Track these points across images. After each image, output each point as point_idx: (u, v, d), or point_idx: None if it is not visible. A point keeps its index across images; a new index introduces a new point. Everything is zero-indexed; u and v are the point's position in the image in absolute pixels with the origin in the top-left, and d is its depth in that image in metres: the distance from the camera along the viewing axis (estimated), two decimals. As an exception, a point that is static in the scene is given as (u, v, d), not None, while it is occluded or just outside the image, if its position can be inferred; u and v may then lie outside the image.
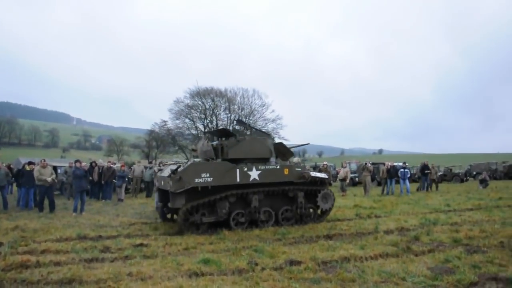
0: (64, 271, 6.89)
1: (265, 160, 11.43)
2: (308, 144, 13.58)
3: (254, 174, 10.83)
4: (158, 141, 62.91)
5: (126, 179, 22.56)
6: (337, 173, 29.41)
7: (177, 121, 56.07)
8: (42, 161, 15.68)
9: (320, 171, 20.07)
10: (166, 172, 11.00)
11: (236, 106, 57.00)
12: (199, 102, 56.08)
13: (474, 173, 44.47)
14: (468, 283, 6.03)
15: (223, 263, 7.26)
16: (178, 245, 8.95)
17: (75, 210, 14.73)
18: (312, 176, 11.61)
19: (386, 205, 15.72)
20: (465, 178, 40.74)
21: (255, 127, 11.74)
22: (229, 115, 57.08)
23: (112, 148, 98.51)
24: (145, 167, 24.88)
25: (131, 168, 25.48)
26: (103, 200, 20.17)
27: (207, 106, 55.98)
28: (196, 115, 56.07)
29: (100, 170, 20.90)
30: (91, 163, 21.47)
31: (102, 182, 20.66)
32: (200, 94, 55.77)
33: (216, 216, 10.60)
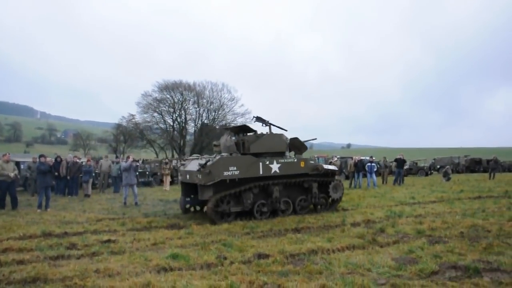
0: (28, 269, 6.73)
1: (282, 154, 12.37)
2: (316, 139, 14.44)
3: (275, 167, 11.77)
4: (126, 136, 61.88)
5: (93, 174, 22.16)
6: None
7: (145, 115, 55.43)
8: (5, 155, 15.20)
9: (330, 164, 22.31)
10: (192, 166, 11.70)
11: (205, 100, 56.68)
12: (168, 96, 55.43)
13: (438, 166, 45.83)
14: (429, 272, 6.24)
15: (191, 257, 7.26)
16: (147, 240, 8.89)
17: (39, 206, 14.38)
18: (325, 168, 12.71)
19: (353, 198, 16.12)
20: (429, 172, 41.82)
21: (273, 124, 12.72)
22: (198, 109, 56.73)
23: (78, 143, 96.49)
24: (113, 162, 24.50)
25: (98, 163, 25.03)
26: (69, 196, 19.78)
27: (176, 100, 55.39)
28: (164, 109, 55.46)
29: (68, 165, 20.45)
30: (55, 158, 20.96)
31: (68, 177, 20.22)
32: (169, 87, 55.12)
33: (242, 206, 11.46)
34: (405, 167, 36.42)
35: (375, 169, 23.34)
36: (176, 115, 56.12)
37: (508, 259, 6.75)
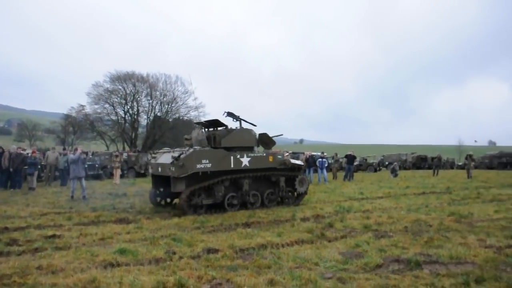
0: (-37, 266, 6.38)
1: (251, 149, 12.72)
2: (282, 135, 14.73)
3: (245, 160, 12.13)
4: (75, 127, 59.82)
5: (39, 166, 21.30)
6: None
7: (96, 106, 53.64)
8: None
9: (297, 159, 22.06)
10: (165, 159, 11.93)
11: (158, 93, 55.38)
12: (120, 87, 53.86)
13: (386, 163, 47.36)
14: (374, 266, 6.46)
15: (140, 252, 7.14)
16: (94, 235, 8.66)
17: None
18: (292, 163, 13.22)
19: (304, 193, 16.46)
20: (378, 168, 43.09)
21: (244, 119, 13.21)
22: (150, 101, 55.34)
23: (23, 133, 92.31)
24: (60, 154, 23.64)
25: (44, 155, 24.06)
26: (12, 189, 18.92)
27: (128, 92, 53.92)
28: (116, 100, 53.79)
29: (10, 156, 19.52)
30: (-2, 149, 19.96)
31: (11, 169, 19.33)
32: (121, 78, 53.64)
33: (214, 198, 11.76)
34: (355, 163, 37.49)
35: (326, 165, 23.77)
36: (128, 107, 54.68)
37: (446, 252, 7.09)
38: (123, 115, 54.95)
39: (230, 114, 12.88)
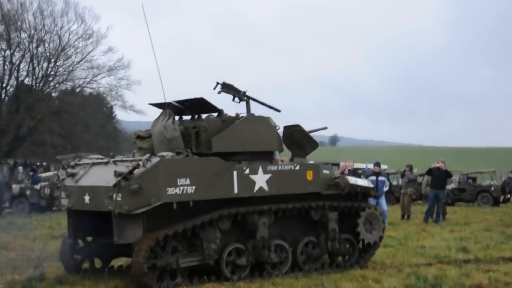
0: None
1: (270, 156, 7.63)
2: (326, 128, 9.59)
3: (260, 179, 7.01)
4: None
5: None
6: None
7: None
8: None
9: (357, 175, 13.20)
10: (97, 176, 6.77)
11: (26, 35, 30.36)
12: None
13: None
14: None
15: None
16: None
17: None
18: (351, 184, 7.76)
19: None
20: (502, 197, 27.54)
21: (254, 98, 7.88)
22: (8, 52, 30.06)
23: None
24: None
25: None
26: None
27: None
28: None
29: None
30: None
31: None
32: None
33: (201, 256, 6.68)
34: (450, 185, 21.59)
35: (386, 189, 14.04)
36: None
37: None
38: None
39: (227, 87, 7.62)
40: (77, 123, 32.14)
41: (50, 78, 32.69)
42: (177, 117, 7.42)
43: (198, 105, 7.43)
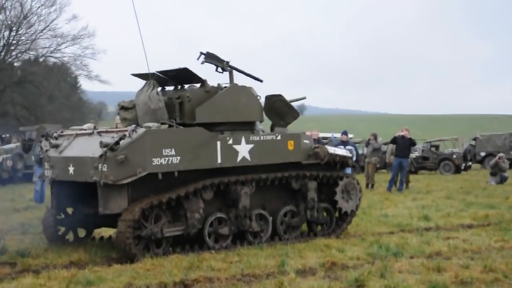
0: None
1: (252, 126, 7.63)
2: (305, 98, 9.47)
3: (243, 149, 7.09)
4: None
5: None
6: None
7: None
8: None
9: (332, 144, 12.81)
10: (82, 147, 6.84)
11: None
12: None
13: (482, 154, 27.29)
14: None
15: None
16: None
17: None
18: (330, 154, 7.80)
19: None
20: (464, 164, 24.35)
21: (237, 68, 7.75)
22: None
23: None
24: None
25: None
26: None
27: None
28: None
29: None
30: None
31: None
32: None
33: (185, 225, 6.73)
34: (414, 154, 21.45)
35: (354, 158, 12.98)
36: None
37: None
38: None
39: (210, 57, 7.58)
40: (41, 93, 31.16)
41: (12, 47, 31.68)
42: (159, 88, 7.40)
43: (182, 76, 7.42)
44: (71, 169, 6.74)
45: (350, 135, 17.41)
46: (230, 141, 6.98)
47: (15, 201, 13.22)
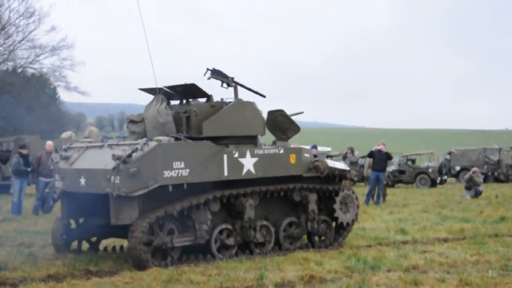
0: None
1: (255, 140, 7.90)
2: (303, 113, 9.64)
3: (248, 163, 7.32)
4: None
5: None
6: None
7: None
8: None
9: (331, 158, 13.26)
10: (94, 159, 7.01)
11: None
12: None
13: (457, 168, 28.24)
14: None
15: None
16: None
17: None
18: (330, 167, 8.13)
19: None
20: (439, 178, 25.48)
21: (241, 84, 8.00)
22: None
23: None
24: None
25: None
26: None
27: None
28: None
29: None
30: None
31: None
32: None
33: (193, 236, 6.96)
34: (390, 168, 21.82)
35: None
36: None
37: None
38: None
39: (216, 73, 7.79)
40: (19, 104, 30.85)
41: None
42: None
43: (189, 91, 7.64)
44: (82, 180, 6.89)
45: (327, 149, 17.80)
46: (236, 155, 7.20)
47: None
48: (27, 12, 30.45)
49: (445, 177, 25.49)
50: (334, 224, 8.59)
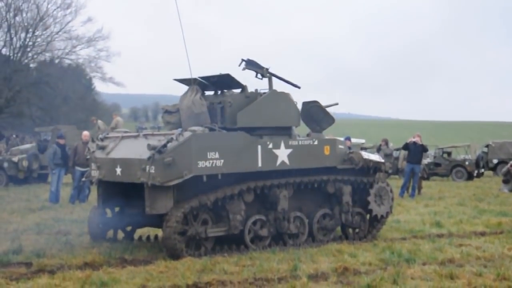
0: None
1: (289, 131, 7.83)
2: (337, 104, 9.47)
3: (282, 154, 7.31)
4: None
5: None
6: None
7: None
8: None
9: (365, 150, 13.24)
10: (128, 149, 7.07)
11: (3, 3, 29.62)
12: None
13: (495, 161, 26.79)
14: None
15: None
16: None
17: None
18: (365, 159, 8.04)
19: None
20: (476, 171, 24.82)
21: (275, 74, 7.92)
22: None
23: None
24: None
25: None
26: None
27: None
28: None
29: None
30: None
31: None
32: None
33: (227, 226, 6.98)
34: (426, 160, 20.94)
35: None
36: None
37: None
38: None
39: (251, 64, 7.75)
40: (56, 94, 31.78)
41: (28, 49, 32.14)
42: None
43: (224, 81, 7.66)
44: (118, 170, 6.98)
45: (361, 140, 17.59)
46: (270, 146, 7.22)
47: (30, 201, 13.31)
48: (64, 4, 31.27)
49: (482, 170, 24.40)
50: (368, 216, 8.49)
